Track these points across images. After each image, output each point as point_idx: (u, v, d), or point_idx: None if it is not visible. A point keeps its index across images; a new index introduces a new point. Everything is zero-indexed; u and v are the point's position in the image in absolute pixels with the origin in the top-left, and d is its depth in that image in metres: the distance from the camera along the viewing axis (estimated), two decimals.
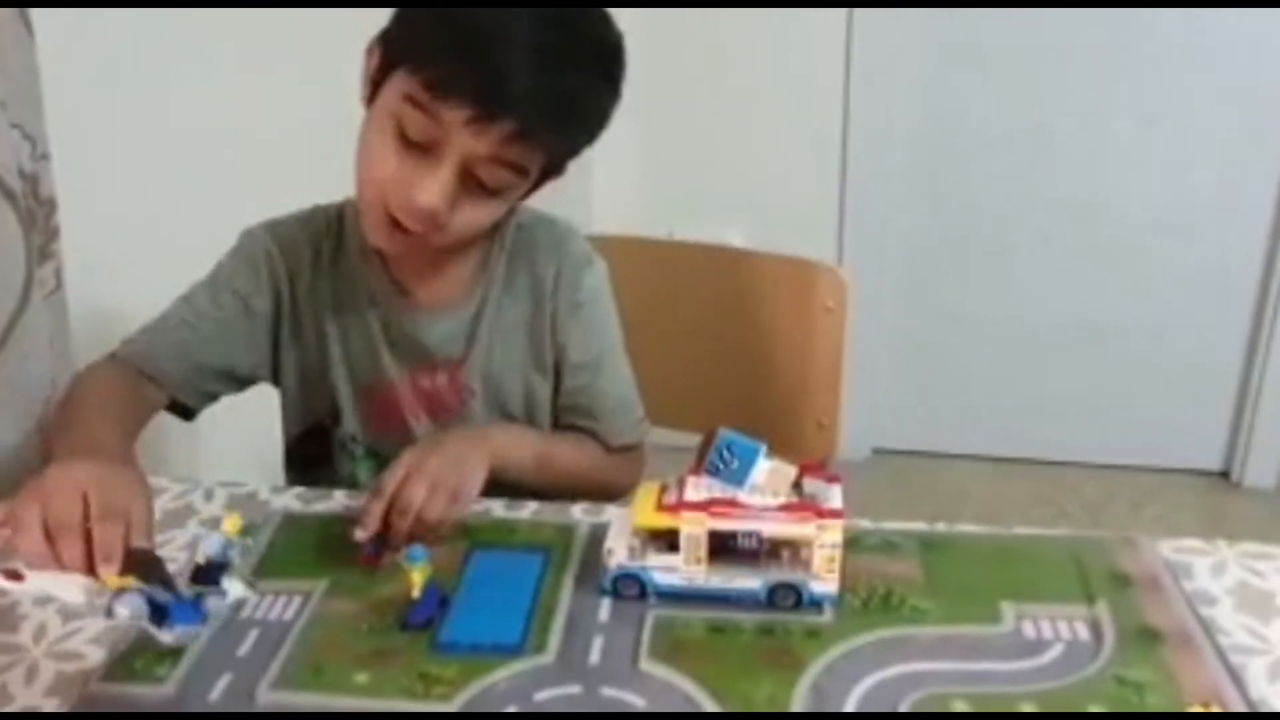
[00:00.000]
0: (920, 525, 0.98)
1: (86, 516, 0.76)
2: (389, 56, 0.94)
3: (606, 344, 1.14)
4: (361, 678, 0.79)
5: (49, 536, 0.75)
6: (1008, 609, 0.86)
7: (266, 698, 0.78)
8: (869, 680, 0.78)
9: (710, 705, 0.76)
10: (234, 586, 0.78)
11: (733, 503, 0.85)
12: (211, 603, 0.78)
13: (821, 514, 0.85)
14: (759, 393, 1.37)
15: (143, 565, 0.76)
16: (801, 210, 2.56)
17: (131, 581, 0.74)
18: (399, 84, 0.91)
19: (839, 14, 2.44)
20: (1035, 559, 0.93)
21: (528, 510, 1.04)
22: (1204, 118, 2.42)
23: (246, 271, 1.10)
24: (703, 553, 0.86)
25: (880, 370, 2.67)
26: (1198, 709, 0.74)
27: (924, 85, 2.50)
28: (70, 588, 0.75)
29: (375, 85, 0.95)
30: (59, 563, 0.75)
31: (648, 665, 0.80)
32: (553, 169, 0.98)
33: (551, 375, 1.13)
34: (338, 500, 1.07)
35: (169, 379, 1.09)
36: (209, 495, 1.09)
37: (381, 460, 1.08)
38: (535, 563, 0.93)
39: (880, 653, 0.81)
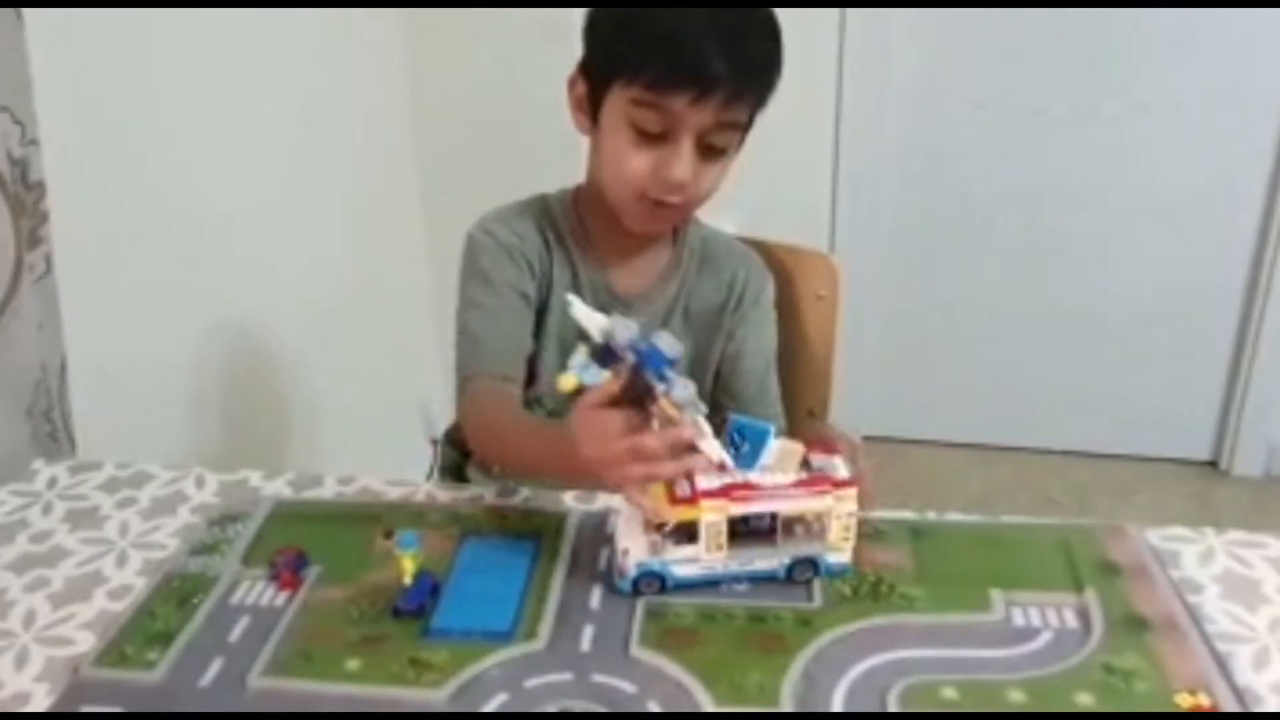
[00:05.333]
0: (909, 513, 0.99)
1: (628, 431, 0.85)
2: (600, 77, 1.07)
3: (773, 348, 1.27)
4: (352, 664, 0.80)
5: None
6: (996, 596, 0.86)
7: (257, 684, 0.78)
8: (858, 668, 0.78)
9: (700, 692, 0.76)
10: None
11: (749, 485, 0.85)
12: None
13: (837, 484, 0.86)
14: None
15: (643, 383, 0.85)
16: (794, 198, 2.55)
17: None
18: (621, 96, 1.05)
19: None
20: (1024, 547, 0.94)
21: (519, 498, 1.04)
22: (1195, 105, 2.42)
23: (508, 262, 1.16)
24: (723, 539, 0.86)
25: (869, 358, 2.67)
26: (1185, 696, 0.75)
27: (916, 73, 2.50)
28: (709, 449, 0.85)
29: (594, 106, 1.09)
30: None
31: (638, 652, 0.81)
32: (750, 123, 1.11)
33: (713, 371, 1.24)
34: (328, 487, 1.07)
35: (517, 372, 1.15)
36: (200, 482, 1.09)
37: (561, 419, 1.16)
38: (527, 550, 0.94)
39: (870, 640, 0.82)
